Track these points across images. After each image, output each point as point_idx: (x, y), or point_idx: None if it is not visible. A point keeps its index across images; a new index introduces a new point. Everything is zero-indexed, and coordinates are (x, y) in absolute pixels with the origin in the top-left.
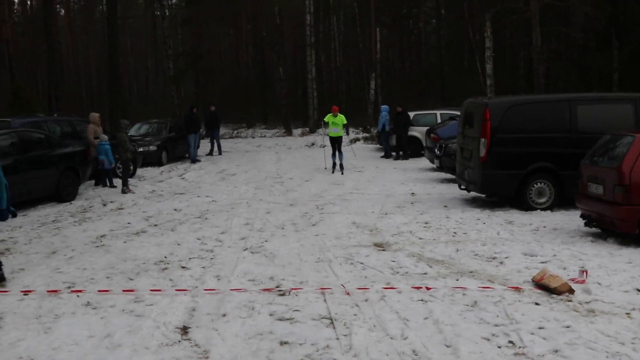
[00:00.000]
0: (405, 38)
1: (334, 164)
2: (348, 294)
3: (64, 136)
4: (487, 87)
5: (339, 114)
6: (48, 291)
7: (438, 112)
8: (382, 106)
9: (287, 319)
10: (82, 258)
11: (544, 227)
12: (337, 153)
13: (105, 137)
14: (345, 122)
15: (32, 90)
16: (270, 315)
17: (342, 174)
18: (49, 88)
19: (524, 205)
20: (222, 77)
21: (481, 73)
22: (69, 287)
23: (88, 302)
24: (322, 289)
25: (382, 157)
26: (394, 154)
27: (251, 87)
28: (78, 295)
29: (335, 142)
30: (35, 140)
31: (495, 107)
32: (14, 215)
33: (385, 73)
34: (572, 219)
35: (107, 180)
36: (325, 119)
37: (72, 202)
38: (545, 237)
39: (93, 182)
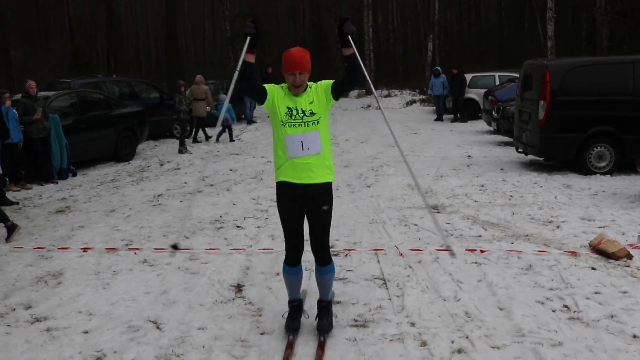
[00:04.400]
0: None
1: (296, 307)
2: (401, 255)
3: (122, 97)
4: (548, 49)
5: (315, 83)
6: (106, 248)
7: (496, 74)
8: (438, 67)
9: (341, 279)
10: (139, 216)
11: (603, 191)
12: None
13: (224, 96)
14: (333, 99)
15: (92, 52)
16: None
17: (323, 340)
18: (108, 50)
19: (583, 169)
20: (278, 38)
21: (542, 35)
22: (127, 245)
23: (145, 260)
24: (375, 250)
25: (435, 120)
26: (451, 116)
27: (307, 49)
28: (135, 253)
29: (312, 214)
30: (95, 101)
31: (555, 69)
32: (74, 174)
33: (444, 35)
34: (632, 183)
35: (230, 135)
36: (267, 99)
37: (130, 161)
38: (604, 202)
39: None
